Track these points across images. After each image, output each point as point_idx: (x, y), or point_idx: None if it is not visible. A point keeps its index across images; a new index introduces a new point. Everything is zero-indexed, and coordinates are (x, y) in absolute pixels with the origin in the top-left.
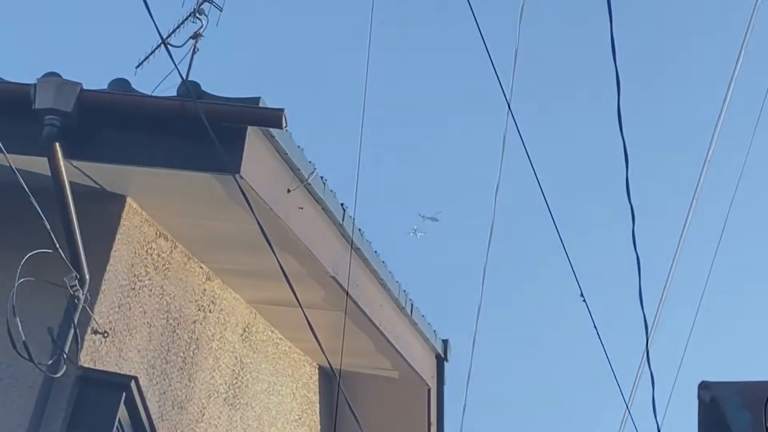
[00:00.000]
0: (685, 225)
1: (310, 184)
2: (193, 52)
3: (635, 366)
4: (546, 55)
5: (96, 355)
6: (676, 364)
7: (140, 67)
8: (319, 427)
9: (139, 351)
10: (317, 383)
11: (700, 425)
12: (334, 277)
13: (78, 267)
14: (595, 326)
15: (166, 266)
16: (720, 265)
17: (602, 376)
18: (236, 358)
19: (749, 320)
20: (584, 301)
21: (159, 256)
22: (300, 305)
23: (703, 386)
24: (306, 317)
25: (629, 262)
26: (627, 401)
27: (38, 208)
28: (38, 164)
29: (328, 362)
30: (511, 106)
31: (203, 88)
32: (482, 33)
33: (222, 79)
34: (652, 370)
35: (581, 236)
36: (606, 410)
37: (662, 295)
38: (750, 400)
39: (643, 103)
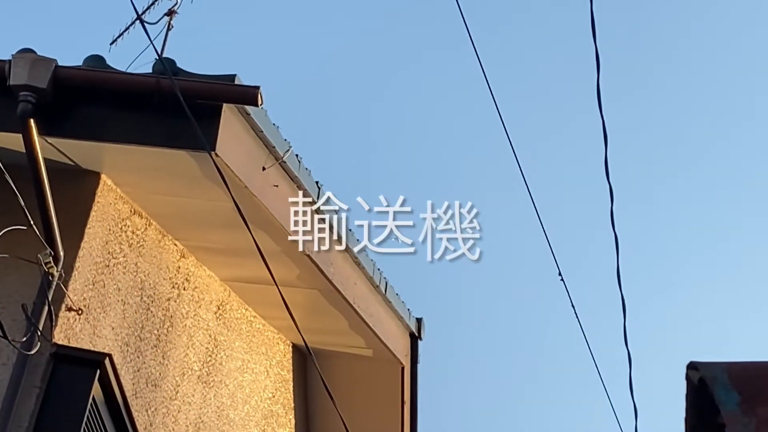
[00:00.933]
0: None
1: (285, 162)
2: (168, 29)
3: (616, 346)
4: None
5: (70, 332)
6: (665, 345)
7: (115, 43)
8: (293, 404)
9: (113, 328)
10: (291, 361)
11: (688, 406)
12: (308, 255)
13: (52, 244)
14: (573, 305)
15: (141, 243)
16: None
17: (585, 358)
18: (210, 336)
19: (743, 301)
20: (562, 280)
21: (133, 233)
22: (275, 283)
23: (691, 366)
24: (281, 295)
25: (609, 242)
26: (603, 381)
27: (12, 185)
28: (12, 141)
29: (303, 340)
30: (493, 93)
31: (178, 65)
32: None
33: (197, 57)
34: (630, 349)
35: (562, 216)
36: (587, 391)
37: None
38: (738, 379)
39: (626, 78)
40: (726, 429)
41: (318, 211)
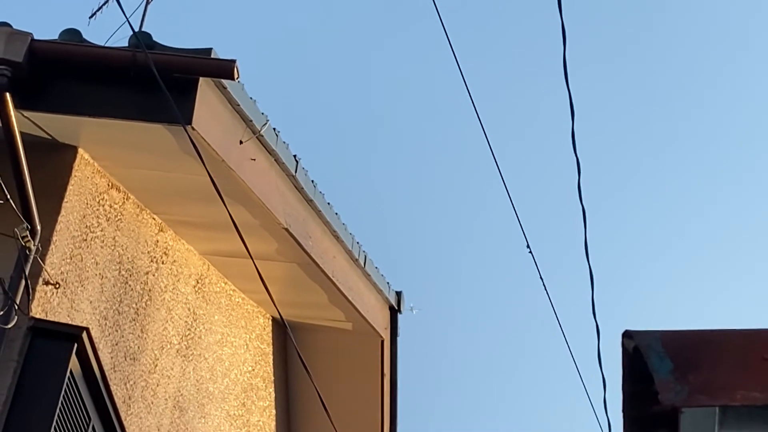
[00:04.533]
0: None
1: (262, 136)
2: (147, 3)
3: (584, 319)
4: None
5: (48, 306)
6: (634, 318)
7: (93, 17)
8: (272, 378)
9: (91, 302)
10: (271, 335)
11: (624, 374)
12: (287, 229)
13: (29, 218)
14: (541, 278)
15: (119, 217)
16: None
17: (555, 330)
18: (189, 310)
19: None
20: (530, 252)
21: (111, 207)
22: (251, 256)
23: (627, 335)
24: (257, 268)
25: (576, 214)
26: (572, 353)
27: None
28: None
29: (279, 313)
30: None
31: (157, 39)
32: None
33: (176, 31)
34: (598, 321)
35: (530, 185)
36: (558, 364)
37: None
38: (671, 348)
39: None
40: (659, 396)
41: (296, 184)
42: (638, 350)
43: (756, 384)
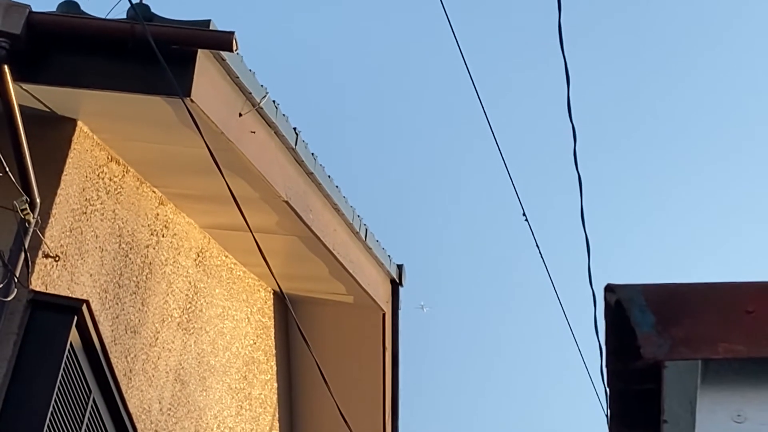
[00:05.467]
0: None
1: (262, 108)
2: None
3: (581, 287)
4: None
5: (47, 278)
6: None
7: None
8: (274, 351)
9: (91, 275)
10: (272, 308)
11: (607, 328)
12: (287, 202)
13: (28, 191)
14: (537, 245)
15: (118, 190)
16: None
17: (552, 299)
18: (190, 283)
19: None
20: (526, 220)
21: (111, 180)
22: (250, 229)
23: (609, 289)
24: (256, 241)
25: (572, 182)
26: (569, 322)
27: None
28: None
29: (279, 287)
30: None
31: (155, 11)
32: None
33: (175, 3)
34: (594, 289)
35: (528, 157)
36: (554, 335)
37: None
38: (653, 301)
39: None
40: (641, 350)
41: (296, 156)
42: (620, 304)
43: (739, 337)
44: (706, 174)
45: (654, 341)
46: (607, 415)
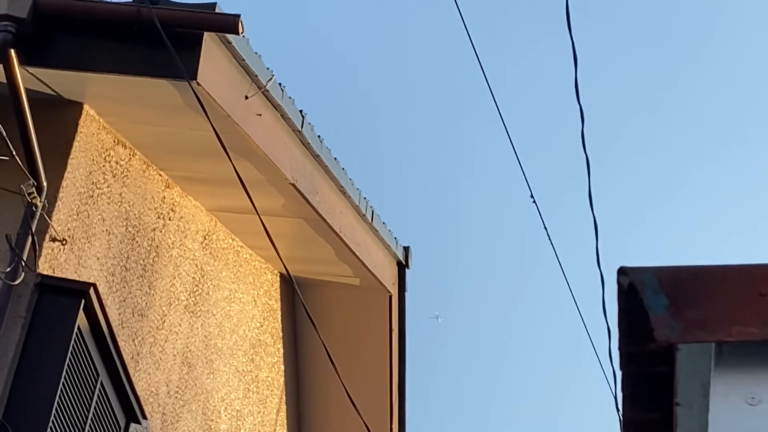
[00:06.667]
0: None
1: (268, 91)
2: None
3: (589, 269)
4: None
5: (54, 262)
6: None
7: None
8: (281, 334)
9: (98, 258)
10: (279, 291)
11: (620, 311)
12: (293, 184)
13: (35, 174)
14: (545, 227)
15: (125, 174)
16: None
17: (561, 280)
18: (197, 266)
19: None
20: (534, 202)
21: (117, 163)
22: (257, 212)
23: (622, 272)
24: (263, 224)
25: (581, 165)
26: (577, 304)
27: None
28: None
29: (286, 269)
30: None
31: None
32: None
33: None
34: (602, 271)
35: (536, 140)
36: (562, 316)
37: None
38: (666, 284)
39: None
40: (654, 333)
41: (302, 139)
42: (633, 287)
43: (752, 319)
44: (722, 158)
45: (667, 324)
46: (616, 397)
